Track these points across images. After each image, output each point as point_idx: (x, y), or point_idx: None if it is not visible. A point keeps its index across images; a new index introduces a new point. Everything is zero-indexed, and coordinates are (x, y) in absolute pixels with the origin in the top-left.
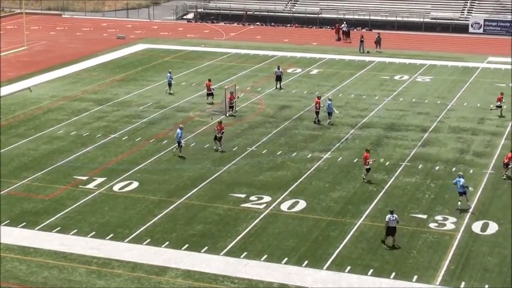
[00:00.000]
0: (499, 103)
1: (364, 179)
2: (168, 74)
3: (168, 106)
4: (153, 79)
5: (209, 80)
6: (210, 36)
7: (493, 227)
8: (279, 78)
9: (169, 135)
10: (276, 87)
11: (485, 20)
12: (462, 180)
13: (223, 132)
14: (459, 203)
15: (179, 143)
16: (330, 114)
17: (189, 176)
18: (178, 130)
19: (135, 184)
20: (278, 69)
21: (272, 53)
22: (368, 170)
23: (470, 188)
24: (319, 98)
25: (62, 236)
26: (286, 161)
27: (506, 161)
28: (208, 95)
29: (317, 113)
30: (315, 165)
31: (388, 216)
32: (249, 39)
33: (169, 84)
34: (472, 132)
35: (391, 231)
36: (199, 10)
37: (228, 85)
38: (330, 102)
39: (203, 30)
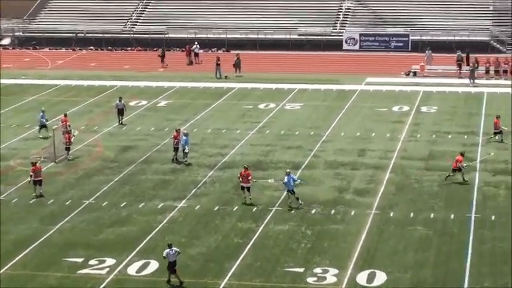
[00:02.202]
0: (497, 130)
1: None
2: (41, 114)
3: None
4: None
5: (65, 115)
6: (32, 66)
7: (380, 277)
8: (121, 112)
9: None
10: (119, 123)
11: (361, 35)
12: (293, 176)
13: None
14: (290, 200)
15: None
16: (183, 150)
17: (11, 240)
18: None
19: None
20: (120, 101)
21: (110, 83)
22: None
23: (304, 182)
24: (178, 131)
25: None
26: (132, 213)
27: (457, 165)
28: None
29: (176, 149)
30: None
31: (167, 251)
32: (81, 67)
33: (43, 126)
34: (352, 167)
35: (172, 266)
36: (17, 34)
37: (56, 125)
38: (186, 137)
39: (23, 59)
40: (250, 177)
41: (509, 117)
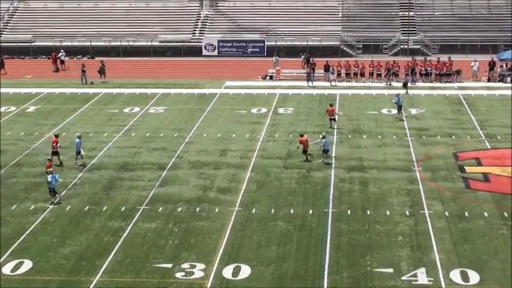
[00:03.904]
0: (332, 117)
1: None
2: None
3: None
4: None
5: (56, 136)
6: None
7: (245, 271)
8: None
9: None
10: None
11: (219, 41)
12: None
13: None
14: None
15: None
16: (78, 153)
17: None
18: None
19: None
20: None
21: None
22: None
23: None
24: (57, 136)
25: None
26: (5, 215)
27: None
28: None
29: (55, 153)
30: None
31: None
32: None
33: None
34: (215, 166)
35: None
36: None
37: None
38: (79, 140)
39: None
40: (50, 169)
41: (353, 111)
